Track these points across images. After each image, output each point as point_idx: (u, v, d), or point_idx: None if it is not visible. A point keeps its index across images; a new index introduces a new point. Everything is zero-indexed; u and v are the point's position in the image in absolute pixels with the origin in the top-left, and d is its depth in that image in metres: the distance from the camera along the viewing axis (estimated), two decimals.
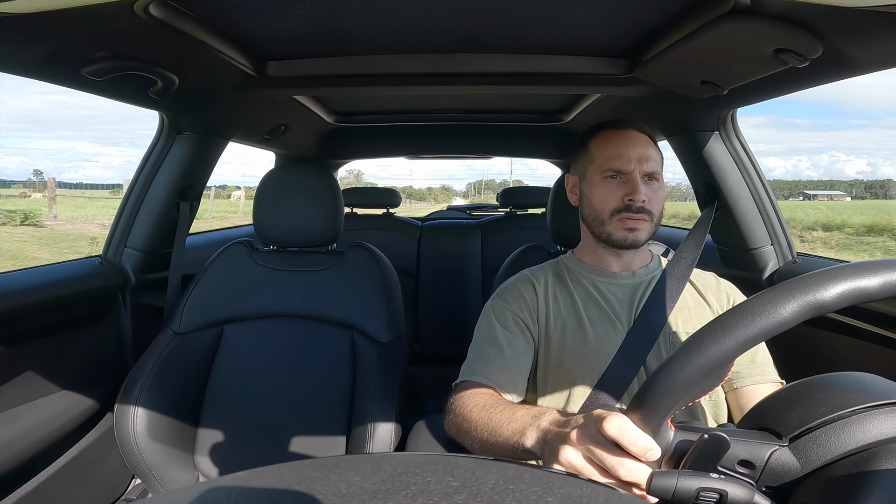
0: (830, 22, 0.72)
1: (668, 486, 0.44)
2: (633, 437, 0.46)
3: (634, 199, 0.92)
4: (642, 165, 0.94)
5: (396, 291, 1.33)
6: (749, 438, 0.45)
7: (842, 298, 0.39)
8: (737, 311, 0.42)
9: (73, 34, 0.81)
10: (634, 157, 0.94)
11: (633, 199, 0.92)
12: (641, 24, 0.98)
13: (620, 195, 0.94)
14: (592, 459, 0.50)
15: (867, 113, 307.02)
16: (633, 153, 0.94)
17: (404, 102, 1.95)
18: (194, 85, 1.14)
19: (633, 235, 0.94)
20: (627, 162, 0.94)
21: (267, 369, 1.26)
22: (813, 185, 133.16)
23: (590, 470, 0.50)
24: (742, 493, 0.42)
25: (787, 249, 1.32)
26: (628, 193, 0.93)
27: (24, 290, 1.13)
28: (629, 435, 0.46)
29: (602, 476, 0.49)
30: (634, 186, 0.92)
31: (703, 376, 0.42)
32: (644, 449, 0.46)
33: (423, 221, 2.68)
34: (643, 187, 0.93)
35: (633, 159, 0.94)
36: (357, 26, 1.01)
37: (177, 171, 1.41)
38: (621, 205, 0.93)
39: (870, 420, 0.42)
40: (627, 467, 0.47)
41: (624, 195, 0.93)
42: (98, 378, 1.33)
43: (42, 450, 1.16)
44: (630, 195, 0.92)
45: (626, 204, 0.93)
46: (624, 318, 0.94)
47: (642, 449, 0.46)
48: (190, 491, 0.28)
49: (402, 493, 0.27)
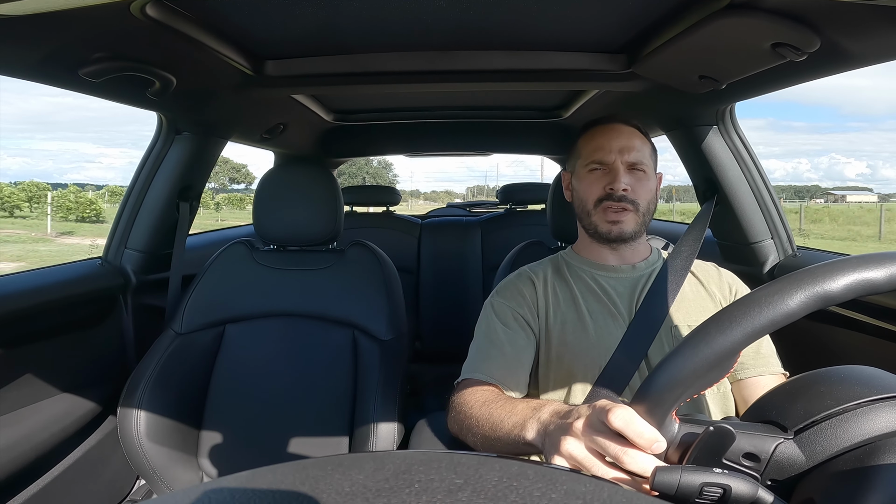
0: (827, 16, 0.72)
1: (672, 481, 0.44)
2: (639, 429, 0.46)
3: (615, 188, 0.94)
4: (624, 155, 0.95)
5: (397, 289, 1.33)
6: (754, 431, 0.45)
7: (849, 290, 0.39)
8: (744, 302, 0.42)
9: (70, 36, 0.80)
10: (616, 147, 0.96)
11: (614, 189, 0.94)
12: (639, 20, 0.98)
13: (602, 185, 0.96)
14: (595, 450, 0.50)
15: (865, 115, 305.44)
16: (614, 144, 0.96)
17: (403, 100, 1.94)
18: (192, 85, 1.14)
19: (617, 228, 0.95)
20: (609, 153, 0.96)
21: (268, 368, 1.26)
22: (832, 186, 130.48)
23: (592, 461, 0.50)
24: (746, 487, 0.42)
25: (787, 243, 1.32)
26: (609, 183, 0.95)
27: (25, 293, 1.13)
28: (635, 426, 0.46)
29: (604, 467, 0.49)
30: (615, 176, 0.94)
31: (709, 368, 0.42)
32: (650, 441, 0.45)
33: (423, 219, 2.68)
34: (626, 177, 0.94)
35: (615, 150, 0.96)
36: (355, 25, 1.00)
37: (176, 172, 1.41)
38: (603, 194, 0.95)
39: (875, 413, 0.42)
40: (633, 457, 0.46)
41: (605, 185, 0.95)
42: (100, 379, 1.33)
43: (46, 452, 1.16)
44: (611, 184, 0.94)
45: (608, 193, 0.95)
46: (624, 311, 0.94)
47: (648, 441, 0.45)
48: (194, 491, 0.28)
49: (406, 491, 0.27)
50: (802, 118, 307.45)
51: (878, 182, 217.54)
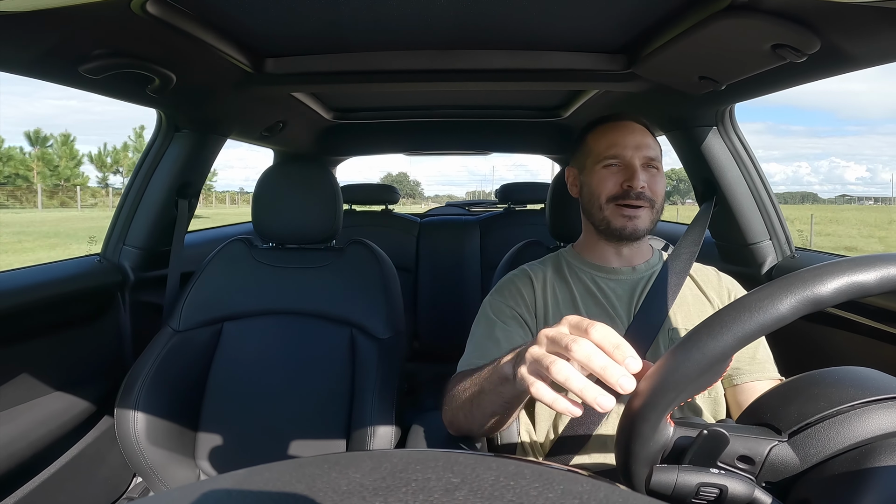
0: (827, 17, 0.72)
1: (669, 481, 0.44)
2: (617, 341, 0.46)
3: (633, 185, 0.92)
4: (640, 152, 0.94)
5: (396, 288, 1.33)
6: (748, 434, 0.45)
7: (839, 293, 0.39)
8: (734, 307, 0.42)
9: (70, 32, 0.80)
10: (632, 144, 0.94)
11: (633, 185, 0.92)
12: (639, 20, 0.98)
13: (619, 181, 0.94)
14: (560, 352, 0.48)
15: (862, 119, 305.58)
16: (629, 141, 0.95)
17: (403, 99, 1.94)
18: (192, 82, 1.14)
19: (632, 224, 0.93)
20: (625, 149, 0.94)
21: (266, 366, 1.26)
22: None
23: (551, 358, 0.48)
24: (742, 488, 0.43)
25: (785, 244, 1.32)
26: (627, 179, 0.93)
27: (22, 289, 1.13)
28: (614, 338, 0.46)
29: (564, 371, 0.47)
30: (633, 172, 0.92)
31: (700, 372, 0.42)
32: (626, 355, 0.45)
33: (421, 218, 2.68)
34: (642, 174, 0.93)
35: (631, 146, 0.94)
36: (355, 23, 1.00)
37: (175, 169, 1.41)
38: (619, 191, 0.93)
39: (868, 415, 0.42)
40: (603, 361, 0.45)
41: (623, 181, 0.93)
42: (97, 376, 1.33)
43: (42, 449, 1.16)
44: (629, 181, 0.92)
45: (625, 190, 0.93)
46: (623, 314, 0.94)
47: (623, 354, 0.45)
48: (191, 489, 0.28)
49: (403, 490, 0.27)
50: (801, 122, 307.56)
51: (878, 185, 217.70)
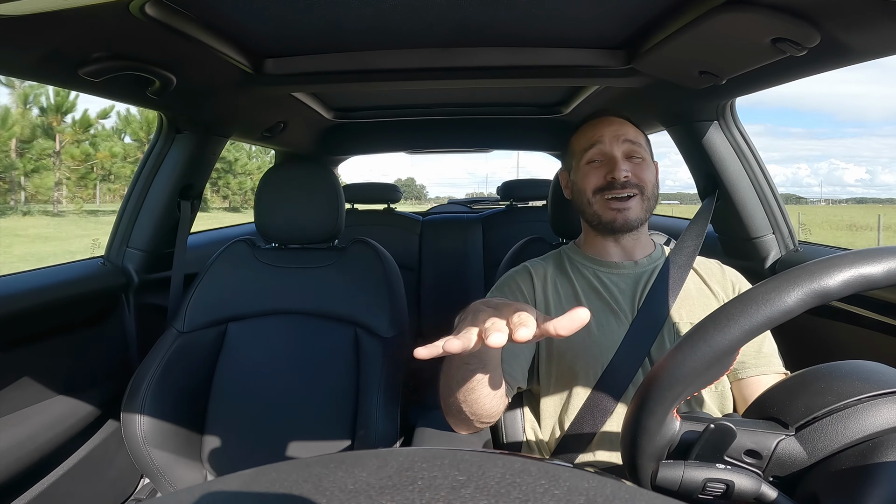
0: (827, 10, 0.71)
1: (675, 476, 0.44)
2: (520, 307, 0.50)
3: (617, 176, 0.93)
4: (619, 140, 0.95)
5: (399, 286, 1.33)
6: (755, 428, 0.45)
7: (846, 286, 0.39)
8: (741, 300, 0.41)
9: (69, 35, 0.80)
10: (609, 134, 0.96)
11: (616, 177, 0.93)
12: (639, 16, 0.98)
13: (602, 174, 0.95)
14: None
15: (861, 122, 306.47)
16: (607, 131, 0.96)
17: (403, 98, 1.94)
18: (192, 84, 1.14)
19: (622, 216, 0.94)
20: (602, 138, 0.96)
21: (270, 366, 1.26)
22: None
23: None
24: (749, 483, 0.42)
25: (788, 238, 1.32)
26: (609, 172, 0.94)
27: (27, 293, 1.13)
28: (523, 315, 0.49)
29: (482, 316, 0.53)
30: (614, 164, 0.94)
31: (707, 366, 0.42)
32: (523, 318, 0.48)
33: (424, 216, 2.68)
34: (624, 163, 0.94)
35: (609, 136, 0.96)
36: (354, 22, 1.00)
37: (177, 171, 1.41)
38: (604, 182, 0.94)
39: (876, 408, 0.42)
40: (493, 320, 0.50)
41: (606, 173, 0.94)
42: (103, 379, 1.34)
43: (50, 451, 1.16)
44: (611, 173, 0.94)
45: (609, 181, 0.94)
46: (627, 308, 0.94)
47: (522, 318, 0.48)
48: (198, 490, 0.28)
49: (409, 489, 0.27)
50: (799, 124, 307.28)
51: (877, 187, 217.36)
